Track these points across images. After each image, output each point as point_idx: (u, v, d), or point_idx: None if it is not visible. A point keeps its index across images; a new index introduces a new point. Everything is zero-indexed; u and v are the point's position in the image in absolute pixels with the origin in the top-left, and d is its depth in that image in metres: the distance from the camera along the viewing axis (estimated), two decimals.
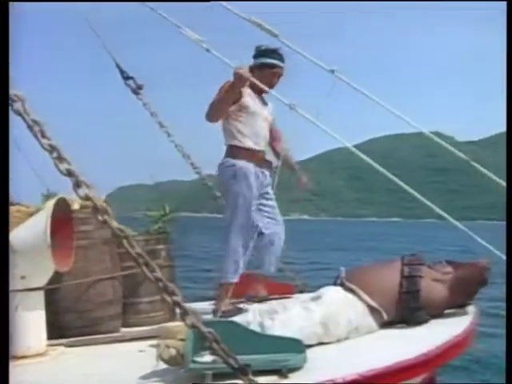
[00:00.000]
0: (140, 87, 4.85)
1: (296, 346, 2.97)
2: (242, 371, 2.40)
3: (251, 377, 2.40)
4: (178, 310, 2.36)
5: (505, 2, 3.77)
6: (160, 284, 2.32)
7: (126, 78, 4.86)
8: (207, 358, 2.83)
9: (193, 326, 2.40)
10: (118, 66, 4.87)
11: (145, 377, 2.89)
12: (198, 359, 2.85)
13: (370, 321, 3.49)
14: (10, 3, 2.45)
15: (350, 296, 3.50)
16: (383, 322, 3.55)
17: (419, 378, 3.35)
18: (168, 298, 2.33)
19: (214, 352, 2.42)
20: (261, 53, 4.41)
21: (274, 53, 4.39)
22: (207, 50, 3.66)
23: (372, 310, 3.50)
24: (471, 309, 3.92)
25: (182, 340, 2.98)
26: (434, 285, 3.65)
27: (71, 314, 3.27)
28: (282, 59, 4.43)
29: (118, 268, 3.45)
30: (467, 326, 3.52)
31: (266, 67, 4.38)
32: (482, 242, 3.69)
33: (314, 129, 3.72)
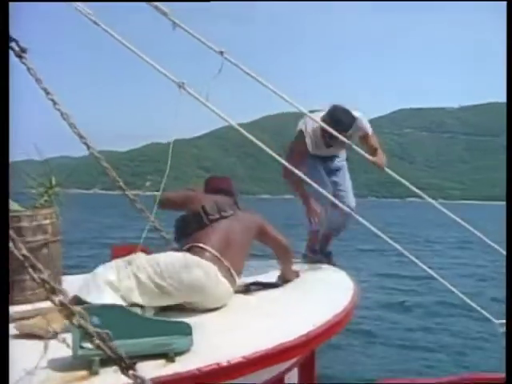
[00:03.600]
0: (24, 50, 4.60)
1: (182, 329, 3.02)
2: (128, 367, 2.42)
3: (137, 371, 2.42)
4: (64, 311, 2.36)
5: (504, 2, 3.87)
6: (46, 286, 2.33)
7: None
8: (94, 352, 2.82)
9: (80, 326, 2.40)
10: None
11: (31, 361, 2.85)
12: (86, 345, 2.85)
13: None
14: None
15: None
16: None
17: (300, 357, 3.54)
18: (55, 299, 2.33)
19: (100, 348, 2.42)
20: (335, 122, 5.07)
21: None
22: None
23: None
24: (351, 285, 4.15)
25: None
26: None
27: None
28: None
29: None
30: (347, 303, 3.72)
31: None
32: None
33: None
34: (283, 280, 4.23)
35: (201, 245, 3.69)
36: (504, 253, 3.36)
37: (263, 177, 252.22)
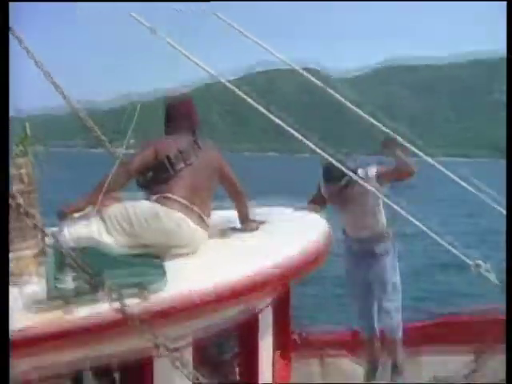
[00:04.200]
0: None
1: (157, 269, 3.11)
2: (99, 287, 2.49)
3: (110, 291, 2.49)
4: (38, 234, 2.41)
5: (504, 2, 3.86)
6: (21, 209, 2.37)
7: None
8: (69, 283, 2.89)
9: (53, 247, 2.46)
10: None
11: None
12: (60, 285, 2.91)
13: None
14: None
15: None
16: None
17: (276, 291, 3.65)
18: (29, 222, 2.38)
19: (73, 269, 2.48)
20: None
21: None
22: None
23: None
24: (325, 225, 4.23)
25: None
26: None
27: None
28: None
29: None
30: (321, 241, 3.81)
31: None
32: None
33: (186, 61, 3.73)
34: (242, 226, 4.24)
35: (169, 195, 3.71)
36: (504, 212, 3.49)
37: (246, 134, 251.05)
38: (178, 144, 3.92)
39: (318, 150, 3.89)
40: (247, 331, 3.68)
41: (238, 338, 3.87)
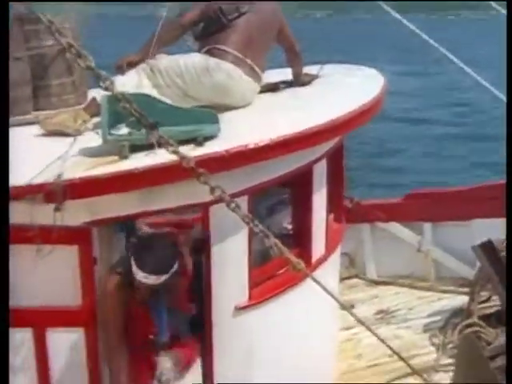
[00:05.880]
0: None
1: (209, 117, 3.05)
2: (154, 132, 2.44)
3: (164, 136, 2.44)
4: (94, 76, 2.34)
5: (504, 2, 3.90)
6: (72, 50, 2.28)
7: None
8: (123, 130, 2.90)
9: (106, 89, 2.40)
10: None
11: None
12: (114, 132, 2.91)
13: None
14: None
15: None
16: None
17: (330, 143, 3.57)
18: (81, 63, 2.30)
19: (128, 115, 2.42)
20: None
21: None
22: None
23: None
24: (380, 77, 4.07)
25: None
26: None
27: None
28: None
29: (22, 48, 3.32)
30: (377, 93, 3.68)
31: None
32: None
33: None
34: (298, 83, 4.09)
35: (221, 46, 3.57)
36: None
37: None
38: None
39: None
40: (300, 187, 3.64)
41: (290, 196, 3.84)
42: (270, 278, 3.41)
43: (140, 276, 2.94)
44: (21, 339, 2.89)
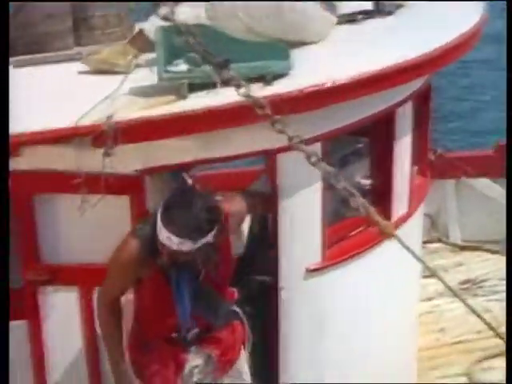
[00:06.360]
0: None
1: (280, 53, 2.70)
2: (221, 66, 2.08)
3: (232, 73, 2.08)
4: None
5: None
6: None
7: None
8: (182, 66, 2.60)
9: (165, 19, 2.07)
10: None
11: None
12: (172, 68, 2.60)
13: None
14: None
15: None
16: None
17: (417, 82, 3.13)
18: None
19: (189, 46, 2.07)
20: None
21: None
22: None
23: None
24: (478, 7, 3.52)
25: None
26: None
27: (13, 32, 2.83)
28: None
29: None
30: (471, 27, 3.19)
31: None
32: None
33: None
34: None
35: None
36: None
37: None
38: None
39: None
40: (381, 135, 3.23)
41: (369, 144, 3.43)
42: (343, 238, 3.07)
43: (163, 236, 2.36)
44: (64, 299, 2.66)
